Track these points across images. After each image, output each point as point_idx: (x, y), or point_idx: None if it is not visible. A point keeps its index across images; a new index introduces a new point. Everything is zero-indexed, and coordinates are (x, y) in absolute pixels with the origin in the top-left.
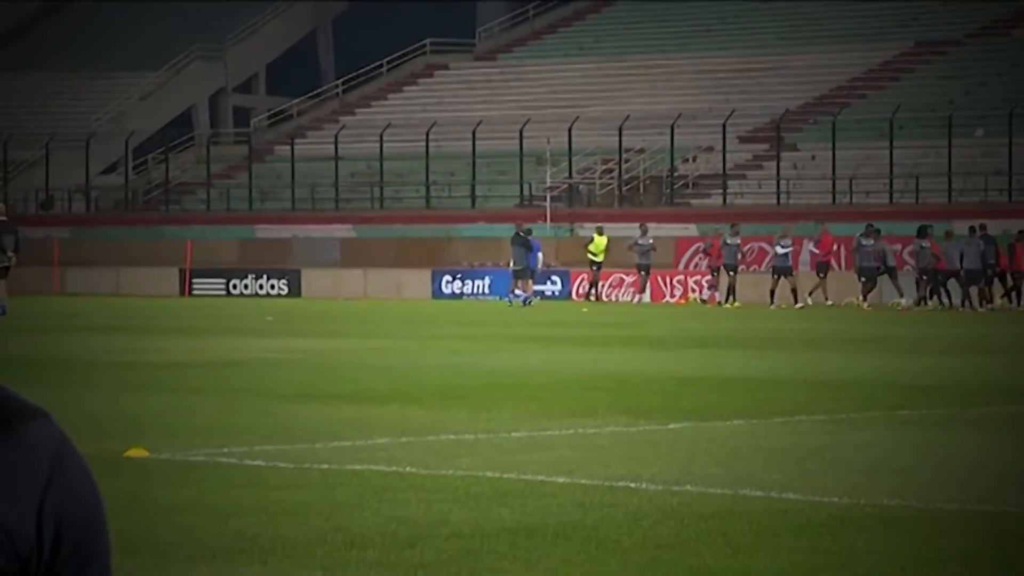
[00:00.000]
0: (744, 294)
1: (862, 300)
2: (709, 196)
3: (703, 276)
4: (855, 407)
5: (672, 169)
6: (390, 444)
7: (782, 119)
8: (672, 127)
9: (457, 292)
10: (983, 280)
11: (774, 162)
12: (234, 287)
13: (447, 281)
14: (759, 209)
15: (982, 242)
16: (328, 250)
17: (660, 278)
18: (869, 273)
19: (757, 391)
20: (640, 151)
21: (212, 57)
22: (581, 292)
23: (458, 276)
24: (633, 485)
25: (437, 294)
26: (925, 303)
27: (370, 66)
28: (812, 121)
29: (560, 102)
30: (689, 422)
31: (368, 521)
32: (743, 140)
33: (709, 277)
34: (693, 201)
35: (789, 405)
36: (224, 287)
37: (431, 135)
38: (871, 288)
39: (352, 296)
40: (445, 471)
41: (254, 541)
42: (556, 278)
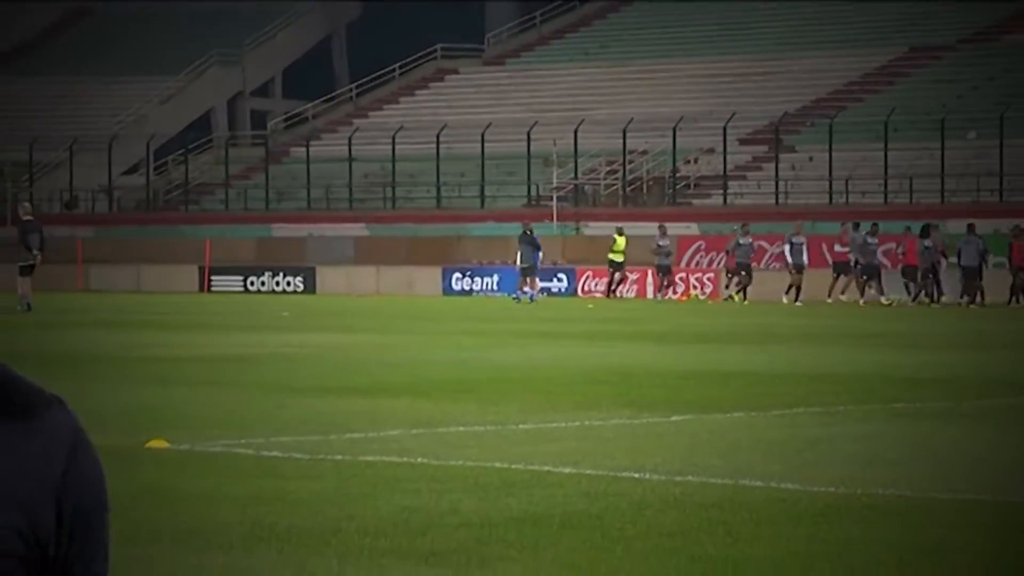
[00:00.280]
0: (752, 291)
1: (862, 296)
2: (710, 196)
3: (704, 273)
4: (852, 400)
5: (674, 170)
6: (402, 436)
7: (781, 122)
8: (674, 130)
9: (467, 289)
10: (979, 277)
11: (773, 163)
12: (251, 284)
13: (457, 278)
14: (758, 209)
15: (980, 241)
16: (342, 248)
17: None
18: (873, 271)
19: (757, 385)
20: (643, 153)
21: (230, 62)
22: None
23: (468, 274)
24: (637, 475)
25: (447, 291)
26: (934, 299)
27: (383, 71)
28: (810, 124)
29: (566, 105)
30: (691, 415)
31: (380, 510)
32: (743, 142)
33: (736, 278)
34: (695, 201)
35: (788, 398)
36: (242, 284)
37: (442, 137)
38: (876, 285)
39: (365, 293)
40: (455, 462)
41: (271, 529)
42: (562, 275)
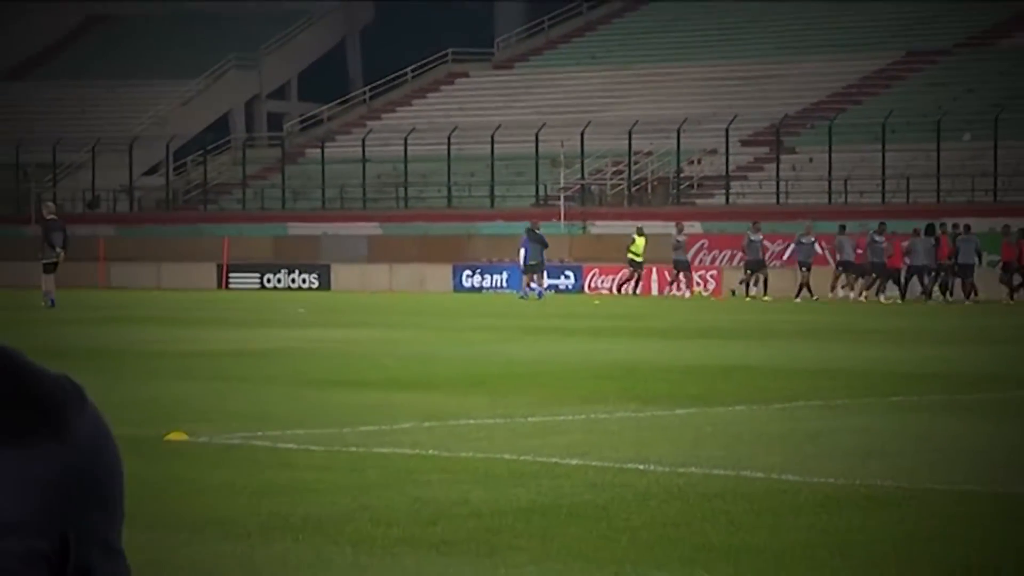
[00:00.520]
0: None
1: (865, 293)
2: (712, 196)
3: (707, 271)
4: (852, 394)
5: (678, 170)
6: (414, 428)
7: (781, 123)
8: (678, 131)
9: (477, 286)
10: (973, 275)
11: (774, 164)
12: (268, 281)
13: (467, 276)
14: (759, 208)
15: (977, 239)
16: (356, 246)
17: (668, 272)
18: (880, 269)
19: (758, 379)
20: (648, 154)
21: (247, 66)
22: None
23: (478, 271)
24: (641, 467)
25: (458, 288)
26: (946, 295)
27: (396, 74)
28: (810, 125)
29: (573, 108)
30: (694, 408)
31: (393, 500)
32: (745, 143)
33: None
34: (698, 201)
35: (788, 392)
36: (259, 281)
37: (452, 139)
38: (883, 283)
39: (378, 290)
40: (465, 453)
41: (286, 519)
42: (569, 273)
